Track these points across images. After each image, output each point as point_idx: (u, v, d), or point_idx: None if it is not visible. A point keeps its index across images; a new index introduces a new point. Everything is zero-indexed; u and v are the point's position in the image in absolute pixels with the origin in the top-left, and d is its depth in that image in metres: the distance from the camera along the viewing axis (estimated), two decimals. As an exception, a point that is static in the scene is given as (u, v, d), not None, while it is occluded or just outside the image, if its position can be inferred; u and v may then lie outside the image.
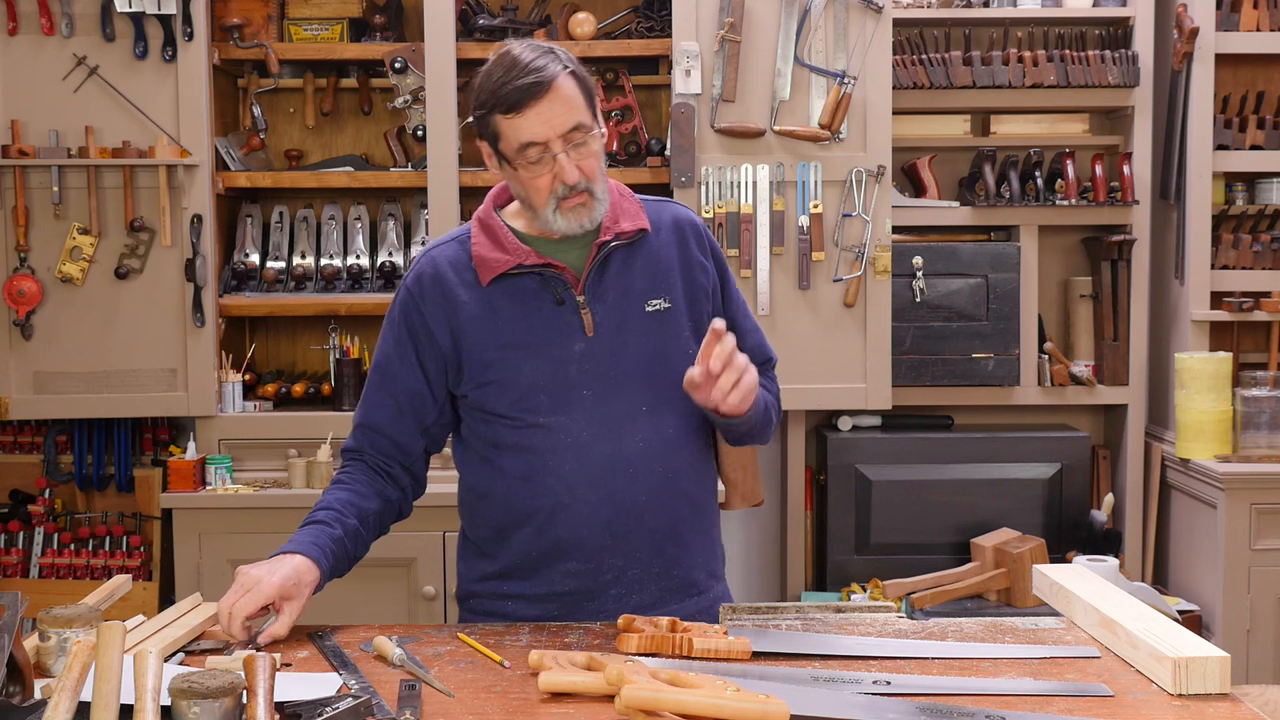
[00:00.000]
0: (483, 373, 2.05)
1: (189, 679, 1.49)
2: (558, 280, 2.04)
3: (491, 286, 2.05)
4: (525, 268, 2.03)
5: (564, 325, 2.04)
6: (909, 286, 3.80)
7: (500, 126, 1.97)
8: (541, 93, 1.93)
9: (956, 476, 3.81)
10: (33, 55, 3.57)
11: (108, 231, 3.60)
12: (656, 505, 2.06)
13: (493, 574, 2.12)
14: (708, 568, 2.17)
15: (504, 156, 1.99)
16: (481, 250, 2.06)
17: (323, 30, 3.84)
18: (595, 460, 2.03)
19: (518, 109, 1.94)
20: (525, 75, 1.93)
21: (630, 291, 2.06)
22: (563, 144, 1.95)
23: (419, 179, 3.70)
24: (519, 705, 1.62)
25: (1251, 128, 3.85)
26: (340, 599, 3.52)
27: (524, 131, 1.95)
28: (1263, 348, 3.93)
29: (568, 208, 1.99)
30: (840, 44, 3.57)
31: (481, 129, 2.02)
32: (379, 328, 3.94)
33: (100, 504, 3.93)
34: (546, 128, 1.94)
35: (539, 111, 1.94)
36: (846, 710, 1.57)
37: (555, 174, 1.97)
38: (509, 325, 2.04)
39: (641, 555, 2.07)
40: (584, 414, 2.03)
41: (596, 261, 2.05)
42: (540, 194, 1.99)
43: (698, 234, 2.14)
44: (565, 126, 1.95)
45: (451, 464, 3.61)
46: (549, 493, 2.04)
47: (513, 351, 2.04)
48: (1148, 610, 1.85)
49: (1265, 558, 3.55)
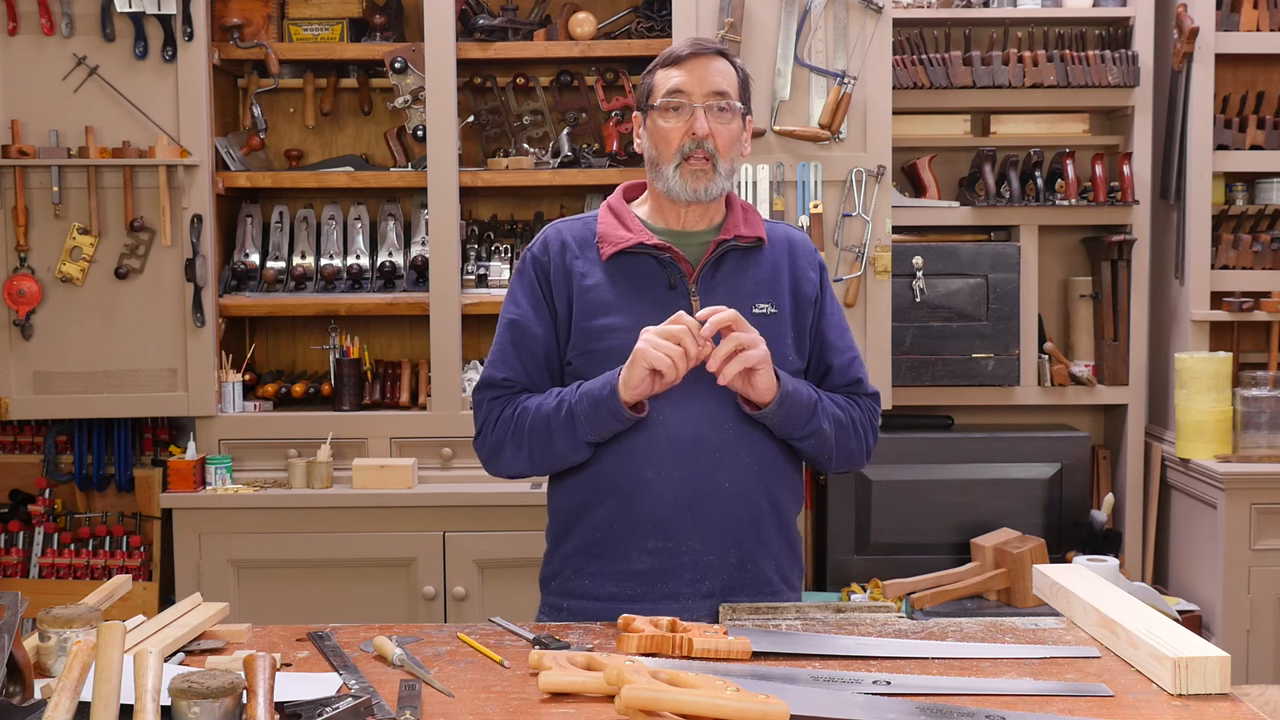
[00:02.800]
0: (588, 341, 2.15)
1: (189, 679, 1.49)
2: (674, 266, 2.16)
3: (610, 261, 2.18)
4: (645, 247, 2.16)
5: (672, 308, 2.09)
6: (909, 286, 3.80)
7: (656, 78, 2.18)
8: (702, 54, 2.16)
9: (956, 476, 3.81)
10: (33, 55, 3.57)
11: (108, 231, 3.60)
12: (738, 494, 2.13)
13: (573, 550, 2.19)
14: (782, 571, 2.21)
15: (650, 109, 2.17)
16: (606, 228, 2.20)
17: (323, 30, 3.84)
18: (684, 442, 2.12)
19: (677, 62, 2.16)
20: (694, 43, 2.18)
21: (740, 291, 2.17)
22: (703, 99, 2.13)
23: (419, 179, 3.70)
24: (519, 705, 1.62)
25: (1251, 128, 3.85)
26: (340, 599, 3.54)
27: (674, 79, 2.15)
28: (1263, 348, 3.93)
29: (689, 170, 2.14)
30: (840, 44, 3.57)
31: (641, 98, 2.21)
32: (379, 328, 4.02)
33: (100, 504, 3.93)
34: (694, 82, 2.14)
35: (692, 67, 2.15)
36: (846, 710, 1.57)
37: (688, 126, 2.13)
38: (621, 299, 2.15)
39: (719, 541, 2.13)
40: (680, 396, 2.09)
41: (713, 257, 2.17)
42: (669, 146, 2.15)
43: (807, 251, 2.27)
44: (711, 88, 2.14)
45: (451, 464, 3.65)
46: (635, 468, 2.12)
47: (620, 323, 2.13)
48: (1148, 610, 1.85)
49: (1265, 558, 3.55)
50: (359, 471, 3.56)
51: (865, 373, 2.28)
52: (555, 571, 2.23)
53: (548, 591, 2.25)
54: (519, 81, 3.95)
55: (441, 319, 3.65)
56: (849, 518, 3.80)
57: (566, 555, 2.21)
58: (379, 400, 3.80)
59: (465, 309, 3.67)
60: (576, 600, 2.18)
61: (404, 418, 3.70)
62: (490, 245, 3.87)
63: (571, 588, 2.19)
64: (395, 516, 3.54)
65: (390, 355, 4.02)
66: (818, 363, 2.24)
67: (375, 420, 3.69)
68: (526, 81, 3.95)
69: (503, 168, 3.75)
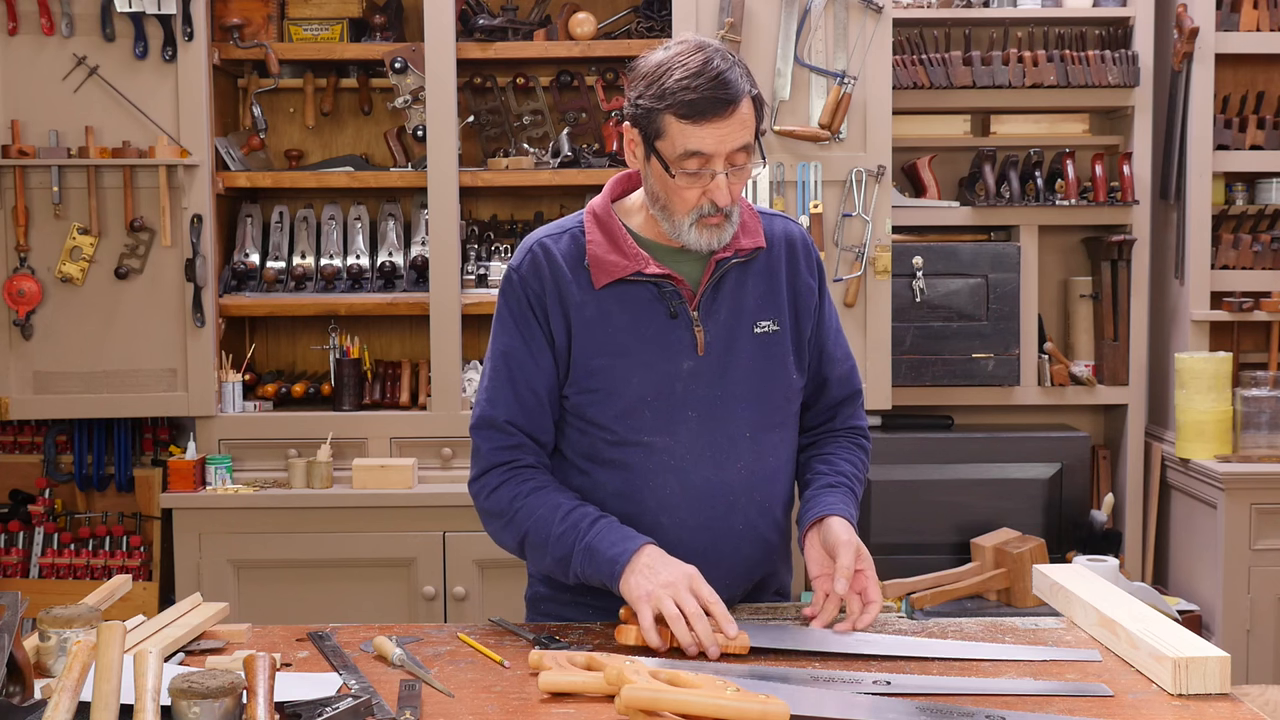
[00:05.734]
0: (589, 379, 2.00)
1: (189, 679, 1.49)
2: (674, 293, 2.00)
3: (605, 290, 2.00)
4: (643, 276, 1.99)
5: (675, 340, 2.00)
6: (909, 286, 3.80)
7: (669, 127, 1.90)
8: (725, 111, 1.88)
9: (956, 476, 3.81)
10: (33, 55, 3.57)
11: (108, 231, 3.60)
12: (752, 534, 2.04)
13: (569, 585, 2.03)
14: (782, 591, 2.18)
15: (659, 155, 1.93)
16: (598, 251, 2.00)
17: (323, 30, 3.84)
18: (697, 485, 2.01)
19: (697, 119, 1.88)
20: (715, 87, 1.87)
21: (742, 311, 2.03)
22: (725, 164, 1.91)
23: (419, 179, 3.70)
24: (519, 705, 1.62)
25: (1251, 128, 3.85)
26: (340, 599, 3.54)
27: (694, 141, 1.89)
28: (1263, 348, 3.93)
29: (705, 225, 1.95)
30: (840, 44, 3.57)
31: (641, 118, 1.93)
32: (379, 328, 4.02)
33: (100, 504, 3.93)
34: (718, 144, 1.89)
35: (716, 128, 1.88)
36: (846, 710, 1.57)
37: (707, 191, 1.92)
38: (620, 333, 1.99)
39: (730, 581, 2.02)
40: (688, 435, 2.00)
41: (714, 278, 2.01)
42: (684, 205, 1.94)
43: (807, 252, 2.12)
44: (734, 147, 1.90)
45: (450, 464, 3.65)
46: (647, 513, 2.00)
47: (621, 360, 1.99)
48: (1148, 610, 1.85)
49: (1265, 558, 3.55)
50: (359, 471, 3.56)
51: (861, 381, 2.20)
52: (545, 596, 2.12)
53: (536, 612, 2.14)
54: (519, 81, 3.95)
55: (441, 319, 3.65)
56: (849, 518, 3.80)
57: (560, 588, 2.07)
58: (379, 400, 3.80)
59: (465, 309, 3.67)
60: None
61: (404, 418, 3.70)
62: (490, 245, 3.87)
63: (564, 615, 2.07)
64: (395, 516, 3.54)
65: (390, 355, 4.02)
66: (815, 375, 2.14)
67: (375, 420, 3.69)
68: (526, 81, 3.95)
69: (503, 168, 3.75)
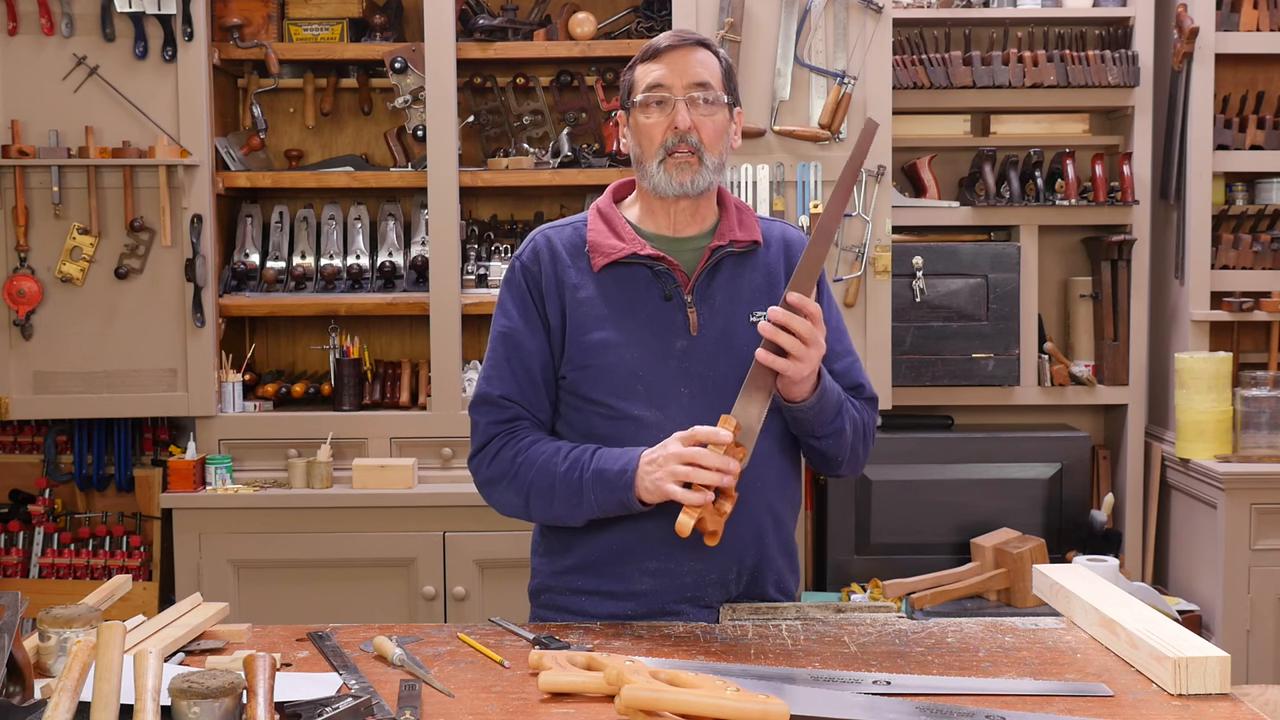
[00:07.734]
0: (584, 356, 2.09)
1: (189, 679, 1.49)
2: (668, 276, 2.09)
3: (603, 273, 2.11)
4: (639, 258, 2.09)
5: (669, 321, 2.08)
6: (909, 286, 3.80)
7: (636, 74, 2.11)
8: (680, 46, 2.09)
9: (956, 476, 3.81)
10: (33, 55, 3.57)
11: (108, 231, 3.60)
12: (741, 514, 2.05)
13: (570, 568, 2.13)
14: (782, 584, 2.17)
15: (632, 105, 2.10)
16: (598, 237, 2.12)
17: (323, 30, 3.84)
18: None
19: (655, 57, 2.09)
20: (674, 35, 2.12)
21: (737, 299, 2.11)
22: (684, 92, 2.06)
23: (419, 179, 3.70)
24: (519, 705, 1.62)
25: (1251, 128, 3.85)
26: (340, 599, 3.54)
27: (654, 74, 2.08)
28: (1263, 348, 3.93)
29: (673, 164, 2.06)
30: (840, 44, 3.57)
31: (623, 96, 2.14)
32: (379, 327, 4.02)
33: (100, 504, 3.93)
34: (674, 75, 2.07)
35: (671, 60, 2.08)
36: (846, 710, 1.57)
37: (670, 120, 2.06)
38: (615, 313, 2.09)
39: (722, 560, 2.07)
40: (680, 413, 2.04)
41: (709, 264, 2.10)
42: (651, 142, 2.07)
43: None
44: (692, 79, 2.06)
45: (450, 464, 3.65)
46: None
47: (615, 335, 2.08)
48: (1148, 610, 1.85)
49: (1265, 558, 3.55)
50: (359, 471, 3.56)
51: (866, 376, 2.22)
52: (548, 586, 2.17)
53: (538, 604, 2.19)
54: (519, 81, 3.95)
55: (441, 319, 3.65)
56: (849, 518, 3.80)
57: (561, 572, 2.14)
58: (379, 400, 3.80)
59: (465, 309, 3.67)
60: (573, 618, 2.10)
61: (404, 418, 3.70)
62: (490, 245, 3.87)
63: (566, 604, 2.13)
64: (395, 516, 3.54)
65: (390, 355, 4.02)
66: None
67: (375, 420, 3.69)
68: (526, 81, 3.95)
69: (503, 168, 3.75)
